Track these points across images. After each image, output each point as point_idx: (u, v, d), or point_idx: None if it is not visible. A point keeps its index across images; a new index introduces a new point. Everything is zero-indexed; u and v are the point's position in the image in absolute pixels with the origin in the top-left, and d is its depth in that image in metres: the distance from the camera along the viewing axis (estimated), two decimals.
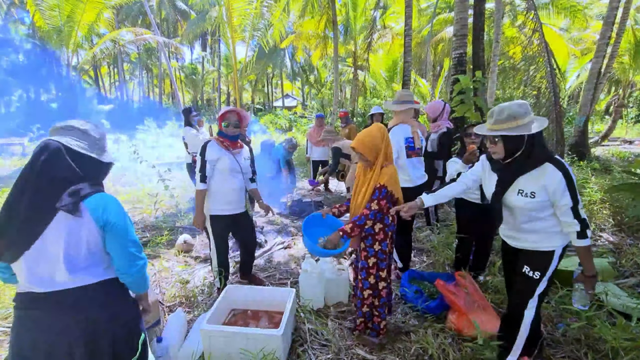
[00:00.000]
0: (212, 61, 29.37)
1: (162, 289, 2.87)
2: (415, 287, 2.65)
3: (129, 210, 5.20)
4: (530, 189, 1.65)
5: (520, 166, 1.66)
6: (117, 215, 1.26)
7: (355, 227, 1.97)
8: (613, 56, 10.18)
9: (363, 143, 2.01)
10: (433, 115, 3.63)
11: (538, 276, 1.74)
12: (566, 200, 1.57)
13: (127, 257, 1.29)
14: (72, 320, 1.23)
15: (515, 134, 1.60)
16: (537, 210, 1.68)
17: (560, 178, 1.56)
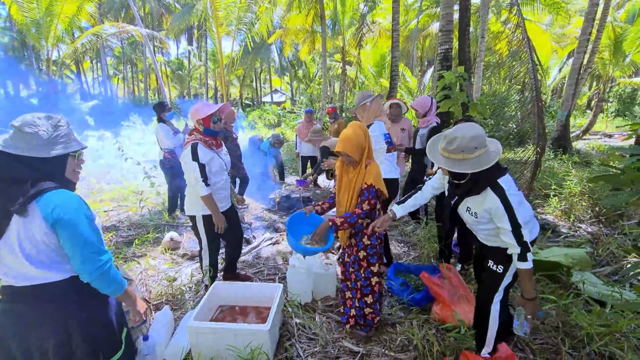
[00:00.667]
0: (198, 56, 28.87)
1: (149, 287, 2.85)
2: (401, 280, 2.70)
3: (114, 209, 5.13)
4: (475, 209, 1.75)
5: (467, 190, 1.75)
6: (69, 214, 1.21)
7: (345, 222, 1.97)
8: (594, 52, 10.43)
9: (350, 143, 1.99)
10: (422, 111, 3.65)
11: (501, 270, 1.79)
12: (506, 225, 1.63)
13: (81, 258, 1.23)
14: (49, 315, 1.24)
15: (453, 169, 1.66)
16: (483, 224, 1.78)
17: (498, 205, 1.63)
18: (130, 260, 3.37)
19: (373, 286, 2.18)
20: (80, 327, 1.28)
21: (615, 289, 2.51)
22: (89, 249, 1.24)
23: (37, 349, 1.25)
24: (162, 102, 4.52)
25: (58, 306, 1.26)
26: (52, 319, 1.25)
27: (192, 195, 2.54)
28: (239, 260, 3.48)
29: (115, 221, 4.55)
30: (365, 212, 1.99)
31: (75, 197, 1.26)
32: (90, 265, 1.24)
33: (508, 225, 1.62)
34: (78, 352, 1.29)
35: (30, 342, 1.24)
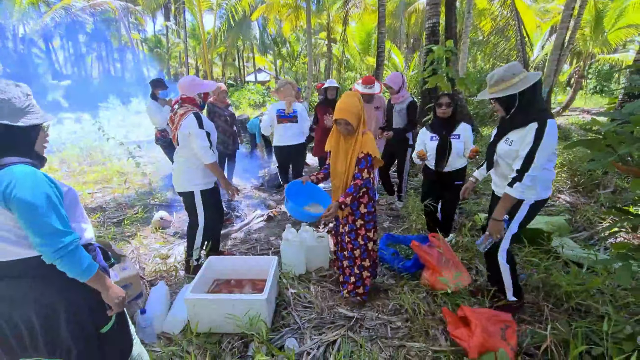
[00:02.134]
0: (177, 33, 27.61)
1: (142, 265, 2.85)
2: (392, 250, 2.79)
3: (99, 190, 5.01)
4: (512, 138, 1.88)
5: (513, 121, 1.88)
6: (23, 191, 1.10)
7: (353, 198, 2.01)
8: (576, 28, 10.56)
9: (349, 111, 1.99)
10: (396, 87, 3.66)
11: (507, 218, 1.93)
12: (524, 152, 1.78)
13: (38, 239, 1.13)
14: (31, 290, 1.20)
15: (500, 95, 1.83)
16: (510, 158, 1.90)
17: (532, 135, 1.75)
18: (120, 240, 3.34)
19: (370, 251, 2.26)
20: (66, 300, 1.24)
21: (591, 251, 2.68)
22: (47, 230, 1.13)
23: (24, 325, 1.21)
24: (159, 79, 4.39)
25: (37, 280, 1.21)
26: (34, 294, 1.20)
27: (189, 171, 2.52)
28: (231, 237, 3.51)
29: (101, 202, 4.46)
30: (366, 181, 2.03)
31: (34, 173, 1.14)
32: (49, 247, 1.13)
33: (525, 152, 1.76)
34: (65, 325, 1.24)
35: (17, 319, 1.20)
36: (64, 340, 1.26)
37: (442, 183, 2.95)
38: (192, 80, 2.55)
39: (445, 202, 3.04)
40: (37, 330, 1.23)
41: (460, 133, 2.79)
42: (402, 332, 2.06)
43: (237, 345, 1.97)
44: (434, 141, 2.83)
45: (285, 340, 1.97)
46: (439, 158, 2.83)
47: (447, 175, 2.89)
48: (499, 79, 1.83)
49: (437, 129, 2.84)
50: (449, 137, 2.78)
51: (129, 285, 2.11)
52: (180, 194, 2.64)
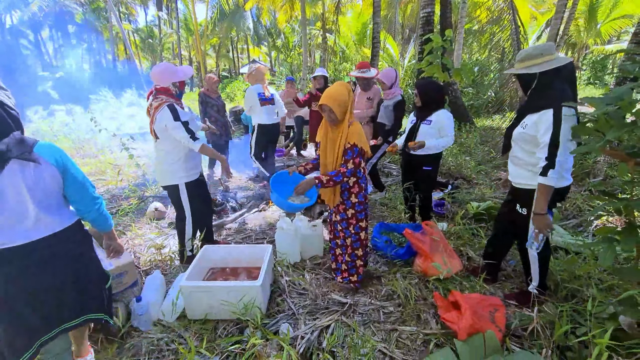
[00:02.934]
0: (169, 23, 27.16)
1: (137, 254, 2.86)
2: (385, 238, 2.83)
3: (92, 182, 4.98)
4: (527, 122, 1.88)
5: (529, 103, 1.89)
6: (70, 160, 1.40)
7: (331, 180, 2.01)
8: (570, 19, 10.55)
9: (333, 99, 1.99)
10: (389, 83, 3.63)
11: (525, 212, 1.97)
12: (546, 139, 1.74)
13: (88, 197, 1.46)
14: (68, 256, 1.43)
15: (521, 72, 1.86)
16: (524, 142, 1.91)
17: (550, 120, 1.73)
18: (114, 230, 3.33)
19: (362, 240, 2.29)
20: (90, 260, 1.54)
21: (579, 238, 2.74)
22: (92, 189, 1.48)
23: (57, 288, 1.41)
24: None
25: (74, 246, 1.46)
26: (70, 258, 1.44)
27: (171, 164, 2.46)
28: (226, 227, 3.52)
29: None
30: (351, 171, 2.04)
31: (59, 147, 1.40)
32: (95, 203, 1.49)
33: (548, 139, 1.72)
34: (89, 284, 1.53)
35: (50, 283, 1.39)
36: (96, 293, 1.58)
37: (411, 166, 3.09)
38: (165, 69, 2.38)
39: (417, 187, 3.14)
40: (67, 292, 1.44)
41: (432, 119, 2.85)
42: (394, 317, 2.10)
43: (232, 331, 2.00)
44: (411, 124, 2.99)
45: (280, 326, 2.01)
46: (407, 139, 2.98)
47: (415, 159, 2.99)
48: (526, 56, 1.86)
49: (417, 114, 2.99)
50: (421, 122, 2.90)
51: (123, 273, 2.12)
52: (164, 188, 2.59)
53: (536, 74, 1.83)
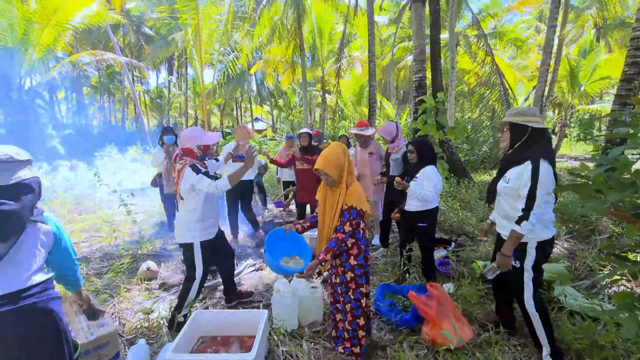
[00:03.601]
0: (178, 85, 29.01)
1: (122, 320, 2.66)
2: (389, 301, 2.65)
3: (86, 239, 4.86)
4: (509, 176, 2.00)
5: (511, 159, 2.02)
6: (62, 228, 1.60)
7: (333, 253, 1.94)
8: (553, 82, 11.31)
9: (328, 162, 1.98)
10: (390, 137, 3.72)
11: (518, 265, 2.00)
12: (525, 192, 1.88)
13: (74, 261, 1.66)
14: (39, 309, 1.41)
15: (517, 121, 1.99)
16: (508, 196, 2.01)
17: (529, 173, 1.87)
18: (102, 292, 3.16)
19: (363, 307, 2.13)
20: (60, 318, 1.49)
21: (594, 301, 2.58)
22: (74, 254, 1.68)
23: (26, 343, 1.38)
24: (167, 127, 4.61)
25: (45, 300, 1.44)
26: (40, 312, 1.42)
27: (190, 222, 2.50)
28: (219, 289, 3.34)
29: (86, 252, 4.29)
30: (348, 234, 1.97)
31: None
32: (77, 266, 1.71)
33: (526, 192, 1.86)
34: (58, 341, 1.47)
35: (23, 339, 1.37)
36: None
37: (407, 223, 3.11)
38: (192, 132, 2.58)
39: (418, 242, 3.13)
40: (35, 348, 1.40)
41: (419, 175, 2.93)
42: None
43: None
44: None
45: None
46: (402, 197, 3.06)
47: (409, 215, 3.02)
48: (520, 111, 2.02)
49: (409, 171, 3.09)
50: (411, 179, 2.97)
51: (104, 345, 1.94)
52: (180, 245, 2.60)
53: (529, 129, 1.97)
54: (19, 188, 1.38)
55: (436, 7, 7.68)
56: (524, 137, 1.98)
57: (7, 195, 1.34)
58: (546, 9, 16.12)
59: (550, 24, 8.77)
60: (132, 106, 27.89)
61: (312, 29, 14.41)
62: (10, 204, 1.31)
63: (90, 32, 20.18)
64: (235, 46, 9.01)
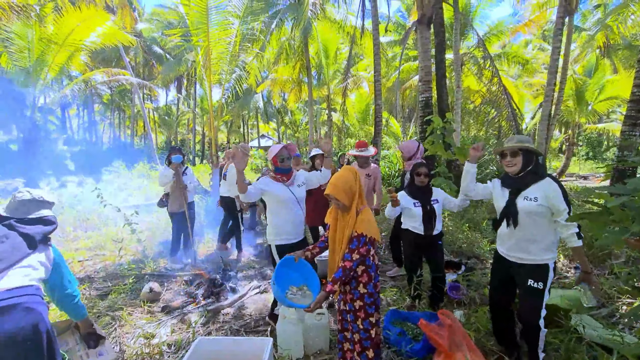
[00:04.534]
0: (187, 102, 29.59)
1: (123, 346, 2.58)
2: (399, 329, 2.55)
3: (90, 258, 4.83)
4: (533, 195, 2.03)
5: (529, 179, 2.07)
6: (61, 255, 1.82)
7: (340, 282, 1.88)
8: (559, 101, 11.32)
9: (338, 187, 1.94)
10: (408, 155, 3.73)
11: (541, 286, 2.03)
12: (564, 206, 1.94)
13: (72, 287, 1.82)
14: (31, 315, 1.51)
15: (533, 149, 2.09)
16: (537, 214, 2.02)
17: (557, 188, 1.98)
18: (104, 314, 3.09)
19: (373, 338, 2.03)
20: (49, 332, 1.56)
21: (615, 331, 2.45)
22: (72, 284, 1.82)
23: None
24: (174, 147, 4.69)
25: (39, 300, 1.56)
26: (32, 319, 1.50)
27: (268, 224, 2.79)
28: (223, 313, 3.26)
29: (90, 272, 4.26)
30: (356, 263, 1.91)
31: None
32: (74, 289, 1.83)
33: (566, 206, 1.93)
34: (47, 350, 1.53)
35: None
36: None
37: (427, 245, 3.00)
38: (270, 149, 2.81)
39: (433, 263, 3.05)
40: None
41: (437, 198, 2.95)
42: None
43: None
44: (418, 207, 2.92)
45: None
46: (427, 225, 2.91)
47: (432, 238, 2.96)
48: (524, 139, 2.12)
49: (417, 196, 2.96)
50: (431, 204, 2.91)
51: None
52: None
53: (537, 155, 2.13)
54: (40, 221, 1.75)
55: (440, 29, 7.83)
56: (533, 161, 2.09)
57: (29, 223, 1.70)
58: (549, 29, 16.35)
59: (554, 45, 8.86)
60: (142, 123, 28.41)
61: (318, 49, 14.72)
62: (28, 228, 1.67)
63: (103, 50, 20.87)
64: (243, 66, 9.20)
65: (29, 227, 1.69)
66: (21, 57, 9.79)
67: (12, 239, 1.62)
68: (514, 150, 2.11)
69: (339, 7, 12.60)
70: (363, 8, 10.49)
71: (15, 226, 1.67)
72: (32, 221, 1.74)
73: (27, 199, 1.77)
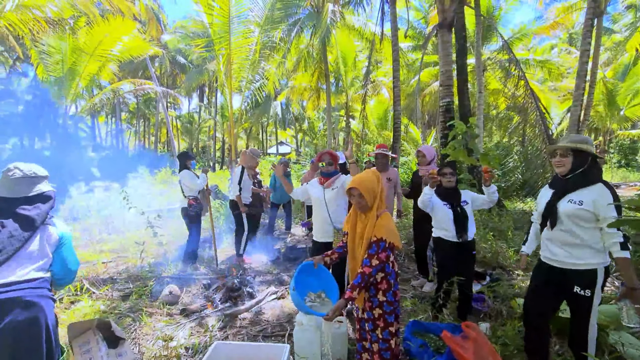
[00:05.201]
0: (208, 110, 30.39)
1: (142, 348, 2.60)
2: (420, 341, 2.44)
3: (113, 260, 4.95)
4: (579, 199, 1.91)
5: (577, 181, 1.96)
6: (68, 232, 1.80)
7: (360, 289, 1.83)
8: (589, 106, 10.82)
9: (363, 184, 1.92)
10: (429, 157, 3.67)
11: (589, 294, 1.89)
12: (613, 213, 1.80)
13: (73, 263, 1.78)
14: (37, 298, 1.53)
15: (582, 149, 1.96)
16: (580, 218, 1.90)
17: (609, 195, 1.85)
18: (124, 316, 3.14)
19: (392, 349, 1.95)
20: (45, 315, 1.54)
21: None
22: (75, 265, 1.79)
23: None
24: (185, 152, 4.74)
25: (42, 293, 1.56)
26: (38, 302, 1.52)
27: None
28: (240, 317, 3.24)
29: (113, 273, 4.36)
30: (376, 269, 1.85)
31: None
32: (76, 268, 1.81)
33: (615, 214, 1.79)
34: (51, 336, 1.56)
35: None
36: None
37: (461, 255, 2.84)
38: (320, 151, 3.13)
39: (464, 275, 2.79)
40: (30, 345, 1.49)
41: (466, 199, 2.84)
42: None
43: None
44: (447, 208, 2.81)
45: None
46: (460, 229, 2.77)
47: (466, 245, 2.83)
48: (584, 139, 2.01)
49: (445, 198, 2.86)
50: (462, 205, 2.79)
51: None
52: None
53: (589, 157, 1.97)
54: (39, 198, 1.68)
55: (462, 34, 7.68)
56: (585, 163, 1.96)
57: (28, 202, 1.63)
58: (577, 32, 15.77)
59: (583, 48, 8.52)
60: (165, 130, 29.35)
61: (337, 57, 14.78)
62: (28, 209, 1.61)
63: (131, 62, 21.80)
64: (263, 73, 9.37)
65: (28, 208, 1.59)
66: (55, 68, 10.34)
67: (9, 226, 1.53)
68: (565, 149, 2.01)
69: (358, 15, 12.64)
70: (382, 14, 10.46)
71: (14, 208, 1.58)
72: (31, 200, 1.63)
73: (21, 177, 1.64)
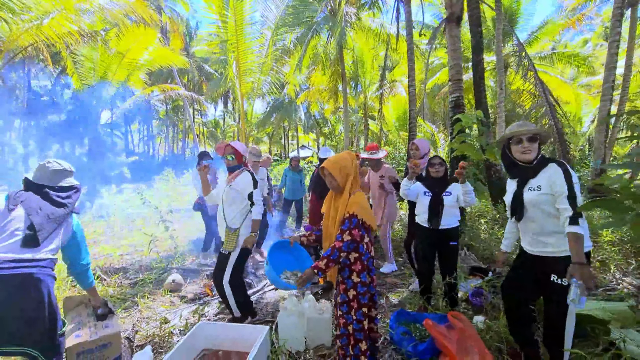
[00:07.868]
0: (233, 116, 31.32)
1: (136, 327, 2.74)
2: (403, 329, 2.42)
3: (129, 253, 5.23)
4: (537, 184, 1.89)
5: (535, 168, 1.93)
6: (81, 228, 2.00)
7: (329, 261, 1.85)
8: (623, 101, 10.09)
9: (334, 164, 1.97)
10: (423, 151, 3.57)
11: (566, 282, 1.75)
12: (563, 189, 1.76)
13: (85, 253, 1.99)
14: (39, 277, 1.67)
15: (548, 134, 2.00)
16: (543, 204, 1.86)
17: (560, 172, 1.81)
18: (129, 300, 3.33)
19: (365, 330, 1.95)
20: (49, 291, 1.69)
21: None
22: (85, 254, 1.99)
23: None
24: (205, 151, 4.96)
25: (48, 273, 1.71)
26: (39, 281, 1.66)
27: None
28: None
29: (126, 264, 4.61)
30: (347, 244, 1.86)
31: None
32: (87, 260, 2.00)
33: (566, 190, 1.75)
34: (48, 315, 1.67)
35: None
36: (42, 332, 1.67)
37: (438, 243, 2.87)
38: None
39: (444, 265, 2.88)
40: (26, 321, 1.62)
41: (451, 191, 2.84)
42: None
43: None
44: (427, 196, 2.85)
45: None
46: (432, 215, 2.81)
47: (442, 234, 2.82)
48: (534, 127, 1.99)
49: (430, 187, 2.88)
50: (442, 195, 2.81)
51: (107, 344, 2.00)
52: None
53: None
54: (71, 189, 1.93)
55: (478, 29, 7.47)
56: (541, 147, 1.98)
57: (62, 191, 1.88)
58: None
59: (612, 39, 8.02)
60: (192, 136, 30.55)
61: (354, 58, 14.81)
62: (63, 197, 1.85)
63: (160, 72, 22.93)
64: (283, 77, 9.59)
65: (63, 196, 1.84)
66: (87, 77, 11.11)
67: (46, 209, 1.74)
68: (532, 135, 1.93)
69: (374, 16, 12.63)
70: (398, 14, 10.40)
71: (52, 194, 1.80)
72: (64, 189, 1.88)
73: (60, 169, 1.90)
